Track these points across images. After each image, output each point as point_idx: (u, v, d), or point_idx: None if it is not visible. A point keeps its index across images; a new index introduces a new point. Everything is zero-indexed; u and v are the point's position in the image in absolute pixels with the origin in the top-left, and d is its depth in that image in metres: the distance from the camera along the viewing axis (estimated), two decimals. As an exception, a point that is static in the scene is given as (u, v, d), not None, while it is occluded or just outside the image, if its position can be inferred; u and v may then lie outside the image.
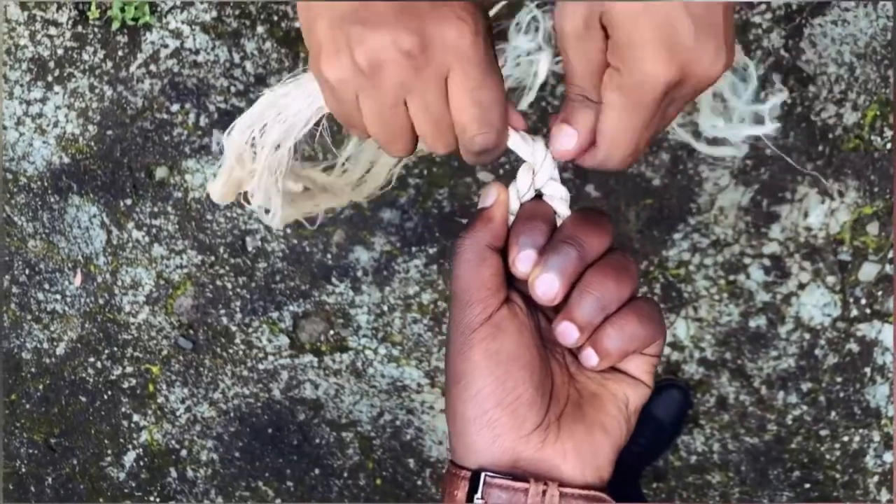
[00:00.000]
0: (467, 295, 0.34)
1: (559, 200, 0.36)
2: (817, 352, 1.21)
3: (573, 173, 1.19)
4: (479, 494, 0.32)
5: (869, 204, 1.16)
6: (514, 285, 0.36)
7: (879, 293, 1.18)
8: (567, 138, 0.34)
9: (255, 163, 0.43)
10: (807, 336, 1.21)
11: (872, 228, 1.17)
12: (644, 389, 0.36)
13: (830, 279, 1.18)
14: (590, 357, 0.34)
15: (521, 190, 0.36)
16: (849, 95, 1.13)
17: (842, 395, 1.22)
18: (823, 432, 1.24)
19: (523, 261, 0.34)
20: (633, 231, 1.20)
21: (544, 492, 0.32)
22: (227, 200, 0.46)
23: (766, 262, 1.19)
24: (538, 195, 0.37)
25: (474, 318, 0.34)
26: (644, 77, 0.31)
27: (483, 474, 0.33)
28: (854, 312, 1.19)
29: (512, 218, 0.36)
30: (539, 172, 0.36)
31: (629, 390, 0.36)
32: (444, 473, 0.35)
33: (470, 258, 0.34)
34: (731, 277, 1.20)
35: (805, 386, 1.23)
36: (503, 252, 0.35)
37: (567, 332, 0.33)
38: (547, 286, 0.33)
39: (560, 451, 0.34)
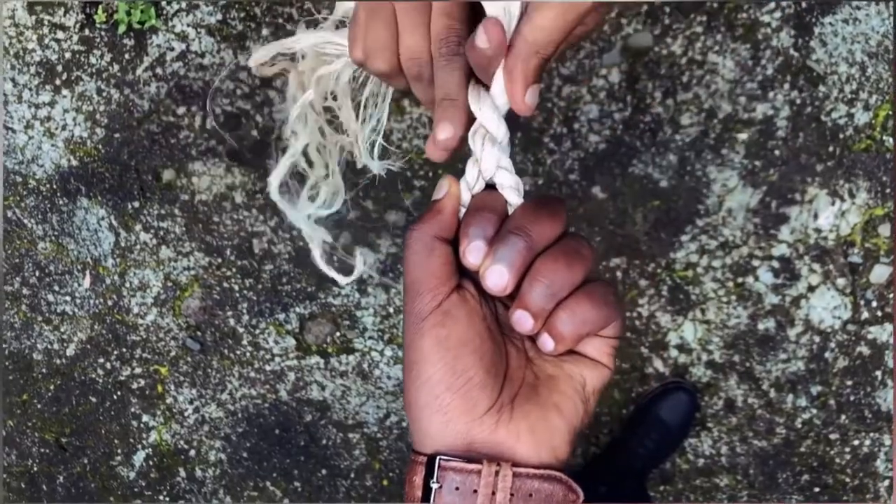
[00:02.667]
0: (417, 285, 0.35)
1: (510, 189, 0.36)
2: (827, 355, 1.20)
3: (579, 175, 1.18)
4: (434, 478, 0.33)
5: (880, 205, 1.14)
6: (467, 274, 0.36)
7: (891, 295, 1.17)
8: (536, 95, 0.35)
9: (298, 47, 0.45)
10: (816, 339, 1.19)
11: (884, 230, 1.15)
12: (604, 371, 0.36)
13: (841, 281, 1.17)
14: (546, 342, 0.35)
15: (469, 181, 0.36)
16: (860, 95, 1.11)
17: (852, 398, 1.20)
18: (833, 436, 1.22)
19: (473, 252, 0.34)
20: (641, 233, 1.19)
21: (497, 472, 0.33)
22: (260, 70, 0.47)
23: (775, 264, 1.18)
24: (491, 186, 0.37)
25: (424, 307, 0.34)
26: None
27: (438, 458, 0.33)
28: (865, 315, 1.18)
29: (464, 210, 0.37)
30: (484, 159, 0.36)
31: (587, 371, 0.36)
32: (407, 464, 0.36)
33: (419, 249, 0.35)
34: (740, 279, 1.19)
35: (815, 389, 1.21)
36: (455, 243, 0.36)
37: (522, 320, 0.34)
38: (496, 277, 0.33)
39: (514, 432, 0.34)
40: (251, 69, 0.49)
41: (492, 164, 0.36)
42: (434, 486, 0.33)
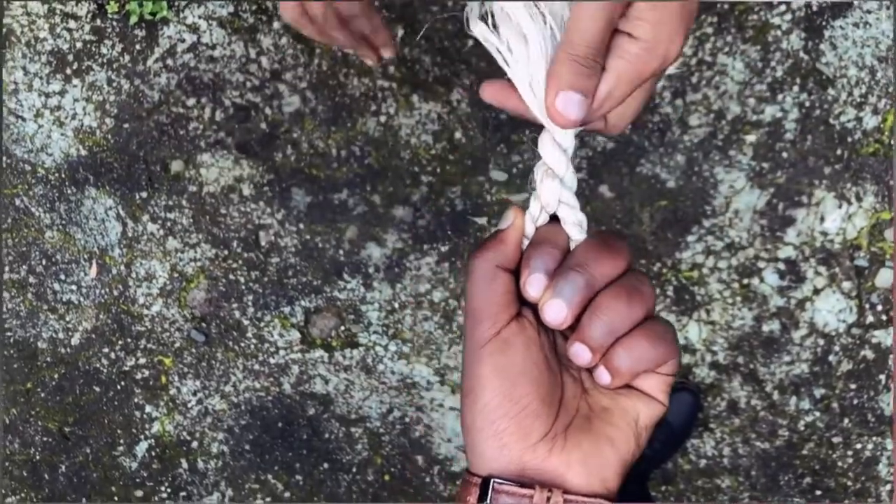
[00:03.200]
0: (478, 312, 0.35)
1: (572, 225, 0.37)
2: (831, 358, 1.20)
3: (587, 174, 1.19)
4: (487, 500, 0.34)
5: (887, 209, 1.14)
6: (527, 302, 0.37)
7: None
8: (574, 105, 0.34)
9: None
10: (821, 342, 1.19)
11: (890, 234, 1.15)
12: (657, 407, 0.37)
13: (846, 285, 1.17)
14: (602, 375, 0.35)
15: (533, 214, 0.37)
16: (869, 99, 1.11)
17: (855, 402, 1.21)
18: (836, 439, 1.22)
19: (533, 284, 0.35)
20: (647, 233, 1.20)
21: (548, 498, 0.33)
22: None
23: (781, 266, 1.18)
24: (555, 218, 0.37)
25: (483, 334, 0.35)
26: (661, 49, 0.33)
27: (492, 481, 0.34)
28: (870, 319, 1.18)
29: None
30: (543, 194, 0.37)
31: (641, 406, 0.36)
32: (459, 482, 0.37)
33: (480, 277, 0.36)
34: (745, 281, 1.19)
35: (818, 392, 1.21)
36: (516, 272, 0.37)
37: (579, 354, 0.35)
38: (555, 312, 0.34)
39: (566, 461, 0.35)
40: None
41: (552, 199, 0.36)
42: None
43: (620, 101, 0.35)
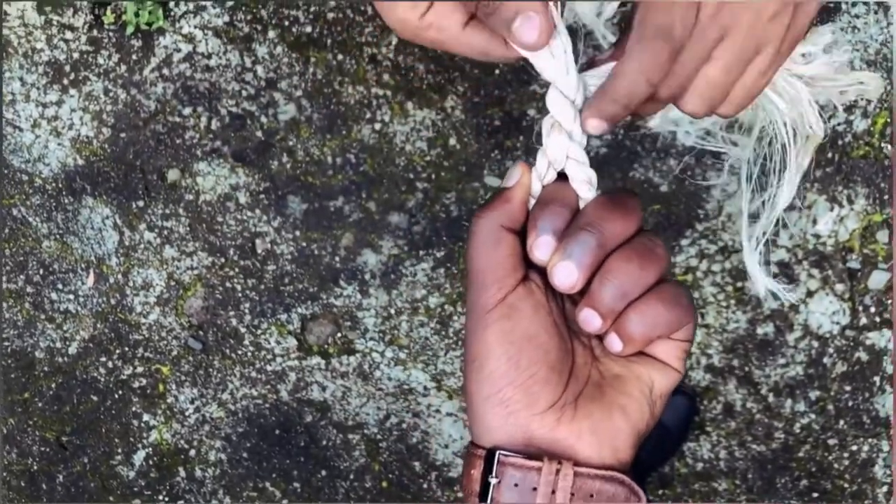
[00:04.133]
0: (482, 275, 0.34)
1: (581, 182, 0.35)
2: (826, 360, 1.20)
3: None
4: (493, 473, 0.32)
5: (878, 211, 1.15)
6: (534, 265, 0.35)
7: (889, 301, 1.17)
8: (604, 126, 0.34)
9: None
10: (815, 344, 1.20)
11: (882, 236, 1.16)
12: (673, 374, 0.35)
13: (839, 287, 1.18)
14: (613, 342, 0.34)
15: (540, 171, 0.35)
16: (858, 102, 1.12)
17: (850, 403, 1.21)
18: (832, 441, 1.23)
19: (541, 247, 0.33)
20: (641, 237, 1.20)
21: (558, 471, 0.32)
22: None
23: (774, 269, 1.18)
24: (564, 176, 0.35)
25: (489, 299, 0.33)
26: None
27: (497, 453, 0.32)
28: (863, 321, 1.18)
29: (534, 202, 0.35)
30: (550, 148, 0.34)
31: (655, 374, 0.35)
32: (464, 454, 0.35)
33: (485, 238, 0.34)
34: (739, 284, 1.20)
35: (813, 394, 1.22)
36: (521, 233, 0.34)
37: (589, 320, 0.33)
38: (565, 275, 0.32)
39: (576, 430, 0.33)
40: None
41: (560, 154, 0.34)
42: (493, 480, 0.32)
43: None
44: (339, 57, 1.22)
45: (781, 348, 1.21)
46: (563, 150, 0.34)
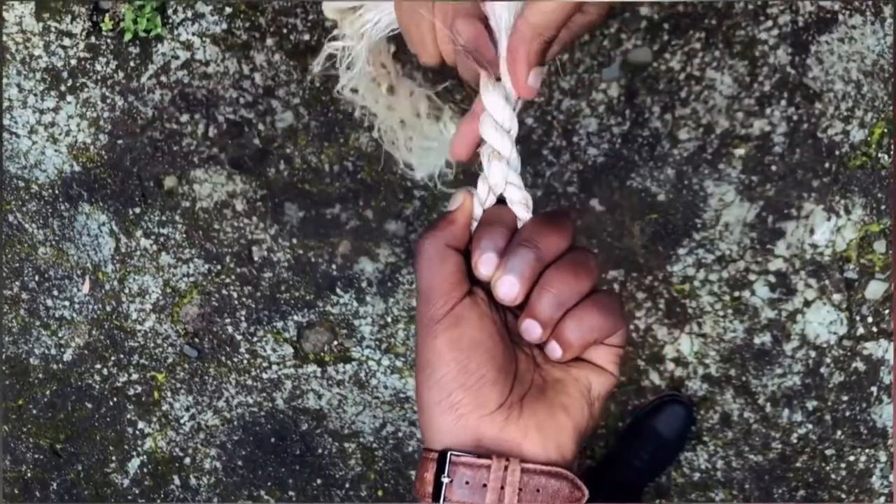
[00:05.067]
0: (429, 291, 0.36)
1: (519, 205, 0.38)
2: (823, 370, 1.20)
3: (578, 188, 1.19)
4: (445, 473, 0.34)
5: (876, 221, 1.15)
6: (478, 282, 0.37)
7: (886, 311, 1.17)
8: (540, 78, 0.37)
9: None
10: (812, 354, 1.20)
11: (879, 246, 1.16)
12: (608, 377, 0.38)
13: (836, 297, 1.18)
14: (553, 349, 0.36)
15: (481, 196, 0.38)
16: (855, 113, 1.13)
17: (848, 414, 1.21)
18: (829, 451, 1.22)
19: (485, 263, 0.36)
20: (638, 246, 1.20)
21: (506, 467, 0.34)
22: (331, 14, 0.50)
23: (772, 278, 1.18)
24: (502, 201, 0.38)
25: (437, 311, 0.36)
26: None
27: (449, 454, 0.34)
28: (860, 331, 1.18)
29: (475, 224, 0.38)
30: (491, 175, 0.38)
31: (593, 377, 0.37)
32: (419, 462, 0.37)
33: (431, 256, 0.36)
34: (736, 293, 1.20)
35: (810, 404, 1.21)
36: (466, 254, 0.37)
37: (530, 329, 0.35)
38: (507, 287, 0.35)
39: (522, 429, 0.35)
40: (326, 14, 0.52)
41: (500, 180, 0.37)
42: (445, 480, 0.34)
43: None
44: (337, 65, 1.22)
45: (779, 358, 1.20)
46: (503, 176, 0.37)
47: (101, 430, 1.45)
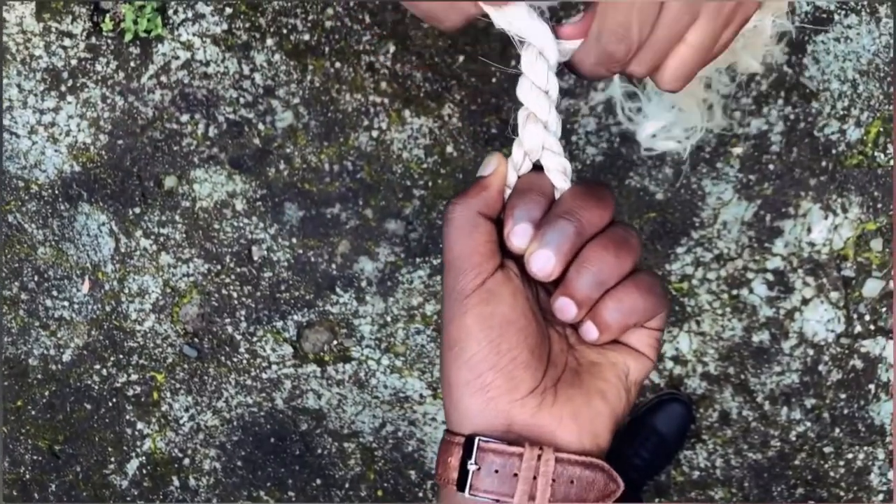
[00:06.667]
0: (459, 261, 0.33)
1: (556, 172, 0.35)
2: (821, 368, 1.21)
3: (574, 178, 1.20)
4: (472, 459, 0.32)
5: (872, 220, 1.16)
6: (509, 254, 0.34)
7: (883, 309, 1.18)
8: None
9: None
10: (810, 352, 1.20)
11: (876, 244, 1.17)
12: (646, 362, 0.35)
13: (834, 295, 1.18)
14: (589, 331, 0.34)
15: (516, 162, 0.35)
16: (852, 112, 1.14)
17: (846, 411, 1.21)
18: (827, 449, 1.23)
19: (518, 235, 0.33)
20: (637, 244, 1.21)
21: (539, 456, 0.31)
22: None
23: (770, 276, 1.19)
24: (538, 167, 0.35)
25: (467, 284, 0.33)
26: None
27: (477, 439, 0.32)
28: (858, 329, 1.19)
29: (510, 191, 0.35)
30: (526, 139, 0.34)
31: (630, 361, 0.35)
32: (440, 444, 0.35)
33: (462, 224, 0.33)
34: (735, 292, 1.20)
35: (809, 402, 1.22)
36: (497, 222, 0.34)
37: (565, 308, 0.33)
38: (543, 262, 0.32)
39: (556, 416, 0.33)
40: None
41: (536, 145, 0.34)
42: (472, 467, 0.32)
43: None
44: (337, 65, 1.22)
45: (777, 356, 1.21)
46: (539, 140, 0.34)
47: (100, 431, 1.45)
